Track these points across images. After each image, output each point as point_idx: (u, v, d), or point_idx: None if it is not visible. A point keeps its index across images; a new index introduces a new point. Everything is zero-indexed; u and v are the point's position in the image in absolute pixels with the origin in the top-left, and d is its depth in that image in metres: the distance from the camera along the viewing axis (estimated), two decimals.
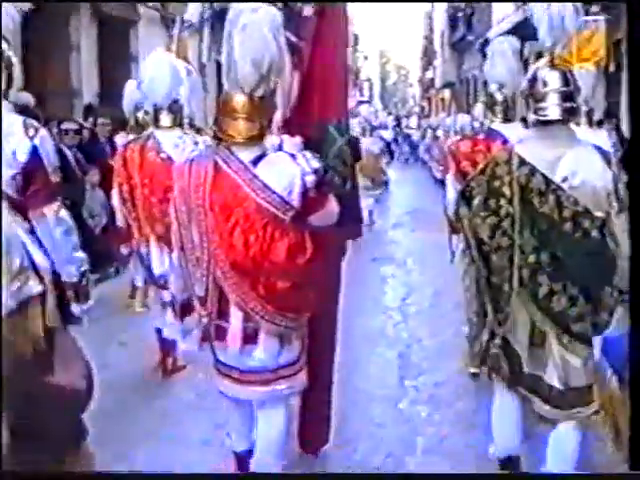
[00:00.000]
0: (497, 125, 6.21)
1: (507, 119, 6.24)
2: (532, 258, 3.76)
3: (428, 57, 52.82)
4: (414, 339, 7.41)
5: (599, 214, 3.70)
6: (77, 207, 7.59)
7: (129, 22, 15.60)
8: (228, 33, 3.70)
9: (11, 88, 3.95)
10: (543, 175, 3.75)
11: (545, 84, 3.84)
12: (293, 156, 3.79)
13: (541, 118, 3.84)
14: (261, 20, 3.66)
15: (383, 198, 16.58)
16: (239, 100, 3.72)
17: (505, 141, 5.61)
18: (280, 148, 3.97)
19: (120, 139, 11.10)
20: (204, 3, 19.39)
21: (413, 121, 40.88)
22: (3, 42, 3.83)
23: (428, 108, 54.43)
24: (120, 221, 6.11)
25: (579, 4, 4.06)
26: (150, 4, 16.10)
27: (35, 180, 3.81)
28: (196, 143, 5.91)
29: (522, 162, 3.80)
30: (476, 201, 3.88)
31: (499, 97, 6.23)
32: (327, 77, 4.29)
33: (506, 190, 3.80)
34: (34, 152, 3.80)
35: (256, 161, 3.72)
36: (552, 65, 3.91)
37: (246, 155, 3.72)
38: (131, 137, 6.72)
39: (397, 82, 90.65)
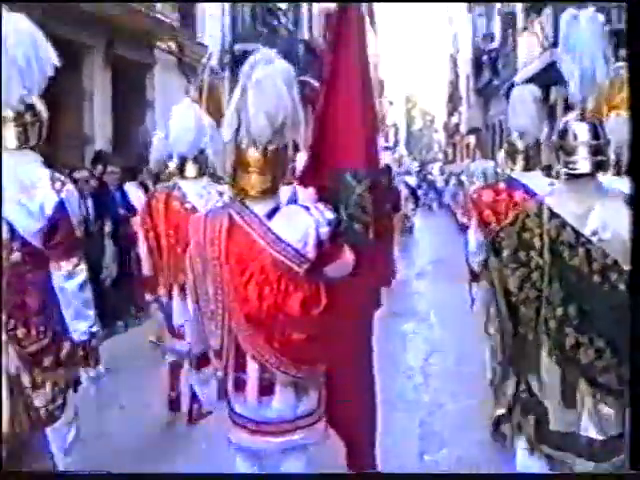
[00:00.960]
0: (518, 174, 6.11)
1: (528, 168, 6.11)
2: (560, 310, 3.73)
3: (453, 102, 52.60)
4: (436, 405, 6.94)
5: (627, 267, 3.62)
6: (96, 262, 7.56)
7: (144, 66, 15.25)
8: (242, 87, 3.70)
9: (41, 142, 4.09)
10: (573, 228, 3.73)
11: (575, 137, 3.81)
12: (307, 208, 3.79)
13: (571, 172, 3.82)
14: (275, 74, 3.68)
15: (407, 246, 16.13)
16: (252, 154, 3.73)
17: (526, 190, 5.71)
18: (295, 200, 4.05)
19: (130, 188, 10.97)
20: (224, 48, 19.15)
21: (437, 167, 40.83)
22: (35, 98, 4.02)
23: (453, 154, 54.34)
24: (145, 269, 6.21)
25: (609, 54, 3.96)
26: (165, 47, 15.75)
27: (59, 233, 3.92)
28: (221, 194, 5.88)
29: (552, 215, 3.80)
30: (505, 252, 3.86)
31: (520, 145, 6.12)
32: (344, 122, 4.11)
33: (536, 242, 3.79)
34: (61, 206, 3.91)
35: (270, 214, 3.74)
36: (582, 118, 3.87)
37: (260, 208, 3.74)
38: (158, 186, 6.79)
39: (423, 128, 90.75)
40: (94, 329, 4.06)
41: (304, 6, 27.39)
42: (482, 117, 36.77)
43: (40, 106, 4.09)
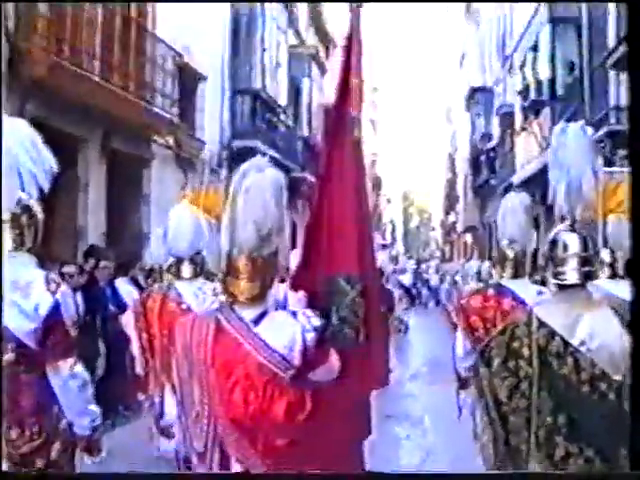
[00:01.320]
0: (506, 281, 6.20)
1: (517, 275, 6.21)
2: (549, 419, 3.75)
3: (451, 201, 52.76)
4: None
5: (616, 377, 3.70)
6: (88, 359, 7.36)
7: (142, 160, 15.15)
8: (233, 194, 3.76)
9: (37, 244, 4.18)
10: (562, 338, 3.77)
11: (565, 248, 3.91)
12: (294, 314, 3.84)
13: (560, 282, 3.91)
14: (264, 183, 3.74)
15: (401, 346, 15.90)
16: (242, 261, 3.76)
17: (515, 297, 5.86)
18: (284, 304, 4.13)
19: (121, 284, 10.79)
20: (222, 144, 19.15)
21: (433, 265, 40.85)
22: (32, 201, 4.10)
23: (450, 252, 54.30)
24: (138, 369, 6.25)
25: (597, 165, 4.14)
26: (163, 142, 15.73)
27: (54, 334, 3.96)
28: (216, 294, 5.68)
29: (541, 324, 3.83)
30: (495, 362, 3.89)
31: (509, 253, 6.22)
32: (338, 225, 4.09)
33: (525, 351, 3.83)
34: (55, 307, 3.96)
35: (257, 320, 3.76)
36: (572, 229, 3.96)
37: (248, 313, 3.76)
38: (155, 286, 6.92)
39: (420, 225, 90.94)
40: (96, 423, 4.15)
41: (304, 102, 27.55)
42: (479, 216, 36.74)
43: (36, 208, 4.15)
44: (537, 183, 20.81)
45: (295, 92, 26.68)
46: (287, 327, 3.76)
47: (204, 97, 17.93)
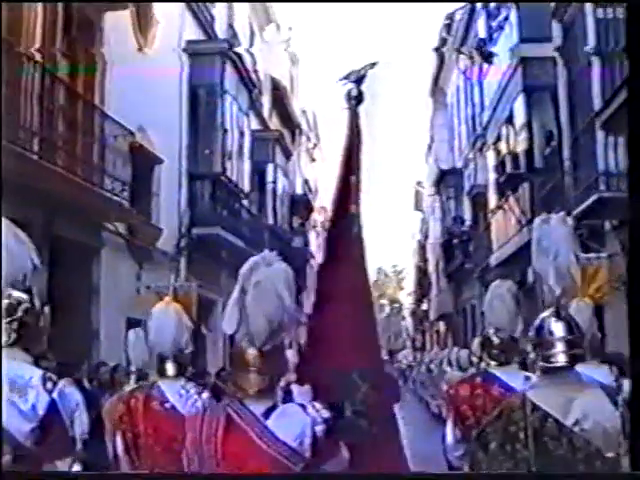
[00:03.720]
0: (494, 368, 6.29)
1: (504, 362, 6.27)
2: None
3: (422, 288, 51.81)
4: None
5: (610, 454, 3.83)
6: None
7: (90, 249, 13.77)
8: (241, 287, 3.85)
9: (31, 341, 4.28)
10: (555, 419, 3.90)
11: (552, 333, 4.10)
12: (304, 407, 3.87)
13: (549, 365, 4.07)
14: (274, 277, 3.85)
15: None
16: (251, 354, 3.83)
17: (503, 385, 5.94)
18: (291, 398, 4.06)
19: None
20: (180, 232, 17.91)
21: (406, 355, 40.50)
22: (24, 293, 4.26)
23: (422, 341, 53.62)
24: (123, 468, 6.04)
25: (579, 252, 4.47)
26: (113, 229, 14.40)
27: (53, 433, 4.02)
28: (199, 393, 5.95)
29: (535, 407, 3.97)
30: (492, 446, 4.02)
31: (496, 340, 6.30)
32: (343, 321, 4.21)
33: (521, 435, 3.96)
34: (53, 406, 4.03)
35: (267, 413, 3.81)
36: (557, 315, 4.16)
37: (257, 407, 3.82)
38: (139, 385, 6.86)
39: (390, 315, 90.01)
40: None
41: (269, 190, 26.53)
42: (453, 302, 35.71)
43: (28, 305, 4.24)
44: (516, 263, 19.83)
45: (259, 178, 25.65)
46: (297, 420, 3.80)
47: (160, 181, 16.68)
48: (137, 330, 8.36)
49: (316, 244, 41.01)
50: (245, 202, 22.15)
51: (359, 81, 4.44)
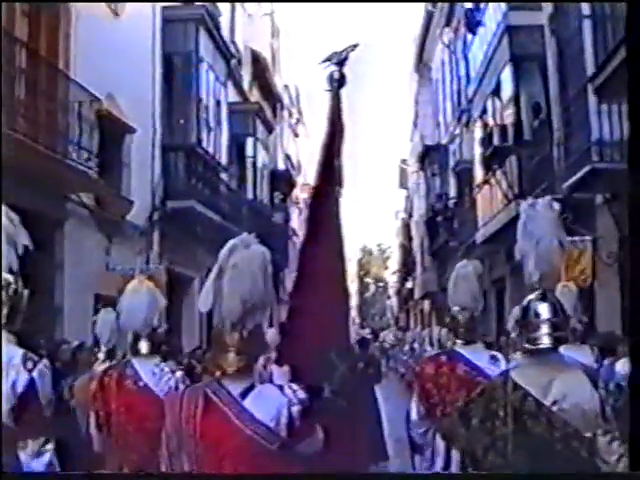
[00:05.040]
0: (459, 347, 6.39)
1: (469, 341, 6.37)
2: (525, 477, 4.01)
3: (407, 267, 51.30)
4: None
5: (588, 434, 3.93)
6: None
7: (53, 222, 13.00)
8: (219, 268, 3.96)
9: (16, 322, 4.41)
10: (535, 399, 4.03)
11: (537, 315, 4.24)
12: (281, 387, 3.96)
13: (533, 347, 4.21)
14: (251, 259, 3.95)
15: None
16: (230, 334, 3.92)
17: (467, 363, 6.15)
18: (271, 378, 4.54)
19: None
20: (154, 205, 17.18)
21: (391, 334, 40.41)
22: (12, 278, 4.46)
23: (406, 320, 53.51)
24: (96, 447, 6.15)
25: (563, 238, 4.52)
26: (78, 201, 13.63)
27: (29, 411, 4.13)
28: (173, 371, 6.01)
29: (516, 386, 4.11)
30: (474, 422, 4.16)
31: (461, 319, 6.38)
32: (322, 303, 4.25)
33: (501, 412, 4.08)
34: (31, 385, 4.16)
35: (245, 393, 3.90)
36: (543, 297, 4.29)
37: (235, 387, 3.91)
38: (112, 364, 6.92)
39: (375, 294, 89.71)
40: None
41: (248, 164, 25.78)
42: (437, 280, 35.12)
43: (15, 287, 4.34)
44: (502, 239, 19.16)
45: (238, 152, 24.88)
46: (274, 401, 3.89)
47: (131, 151, 15.86)
48: (108, 309, 8.35)
49: (298, 221, 40.42)
50: (224, 176, 21.38)
51: (341, 63, 4.43)
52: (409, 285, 50.42)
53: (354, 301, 75.64)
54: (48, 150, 12.03)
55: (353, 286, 78.88)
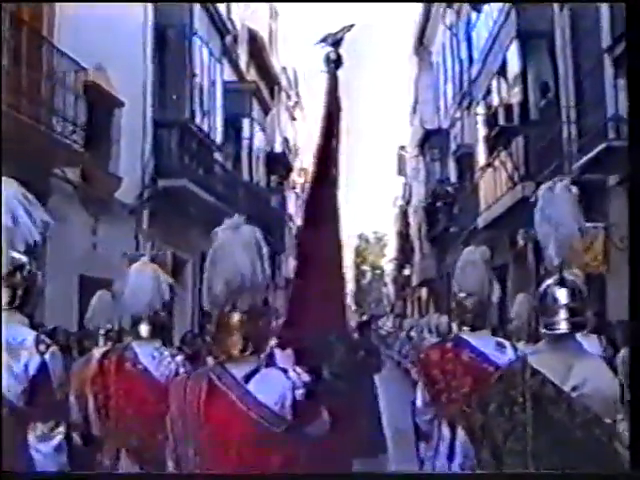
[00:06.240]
0: (466, 334, 6.32)
1: (476, 327, 6.31)
2: (546, 463, 3.93)
3: (404, 254, 50.90)
4: None
5: (608, 420, 3.91)
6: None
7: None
8: (210, 252, 3.96)
9: (29, 303, 4.39)
10: (554, 384, 3.99)
11: (555, 300, 4.19)
12: (285, 371, 3.93)
13: (551, 332, 4.17)
14: (236, 241, 3.90)
15: None
16: (234, 317, 3.90)
17: (473, 349, 6.06)
18: (273, 361, 4.17)
19: None
20: (144, 183, 16.51)
21: (387, 321, 40.30)
22: (24, 256, 4.37)
23: (403, 307, 53.40)
24: (95, 430, 6.11)
25: (582, 222, 4.37)
26: (62, 176, 12.92)
27: (41, 394, 4.12)
28: (173, 356, 5.98)
29: (534, 372, 4.07)
30: (492, 407, 4.12)
31: (468, 305, 6.33)
32: (321, 285, 4.27)
33: (520, 398, 4.04)
34: (43, 367, 4.14)
35: (249, 377, 3.87)
36: (561, 282, 4.22)
37: (239, 371, 3.88)
38: (114, 347, 6.84)
39: (372, 281, 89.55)
40: None
41: (244, 145, 25.13)
42: (436, 267, 34.60)
43: (29, 268, 4.34)
44: (505, 224, 18.58)
45: (235, 132, 24.21)
46: (278, 384, 3.87)
47: (120, 126, 15.13)
48: (104, 291, 8.13)
49: (295, 206, 39.86)
50: (218, 156, 20.72)
51: (337, 44, 4.41)
52: (406, 272, 50.08)
53: (350, 288, 75.33)
54: (31, 121, 11.39)
55: (349, 273, 78.59)
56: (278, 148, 34.67)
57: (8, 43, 11.17)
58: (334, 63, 4.41)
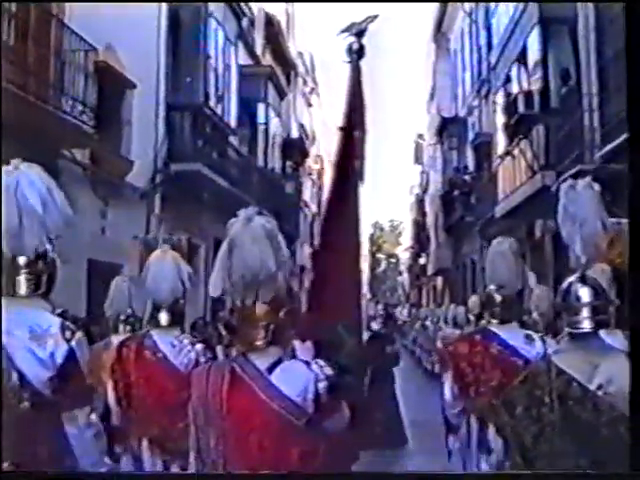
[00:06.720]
0: (494, 326, 6.31)
1: (505, 320, 6.28)
2: (574, 463, 3.89)
3: (420, 243, 50.62)
4: None
5: None
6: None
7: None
8: (223, 245, 3.94)
9: (52, 290, 4.33)
10: (580, 383, 3.94)
11: (578, 299, 4.12)
12: (308, 363, 3.94)
13: (575, 331, 4.12)
14: (248, 233, 3.88)
15: None
16: (258, 308, 3.89)
17: (502, 342, 6.12)
18: (293, 354, 4.16)
19: None
20: (156, 166, 16.23)
21: (402, 311, 40.18)
22: (48, 247, 4.29)
23: (418, 297, 53.23)
24: (115, 419, 6.03)
25: (606, 219, 4.46)
26: (71, 157, 12.61)
27: (71, 382, 4.09)
28: (193, 344, 5.95)
29: (560, 372, 4.02)
30: (518, 410, 4.09)
31: (498, 298, 6.31)
32: (338, 275, 4.30)
33: (546, 399, 4.00)
34: (71, 355, 4.11)
35: (272, 368, 3.88)
36: (583, 280, 4.15)
37: (262, 362, 3.89)
38: (131, 335, 6.85)
39: (387, 270, 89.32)
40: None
41: (260, 130, 24.81)
42: (452, 257, 34.31)
43: (52, 255, 4.30)
44: (524, 214, 18.26)
45: (249, 117, 23.89)
46: (300, 376, 3.87)
47: (132, 108, 14.83)
48: (122, 276, 8.20)
49: (310, 193, 39.57)
50: (233, 140, 20.42)
51: (360, 34, 4.40)
52: (422, 261, 49.81)
53: (365, 277, 75.25)
54: (39, 101, 11.14)
55: (365, 262, 78.43)
56: (294, 134, 34.33)
57: (15, 20, 10.92)
58: (357, 53, 4.39)
